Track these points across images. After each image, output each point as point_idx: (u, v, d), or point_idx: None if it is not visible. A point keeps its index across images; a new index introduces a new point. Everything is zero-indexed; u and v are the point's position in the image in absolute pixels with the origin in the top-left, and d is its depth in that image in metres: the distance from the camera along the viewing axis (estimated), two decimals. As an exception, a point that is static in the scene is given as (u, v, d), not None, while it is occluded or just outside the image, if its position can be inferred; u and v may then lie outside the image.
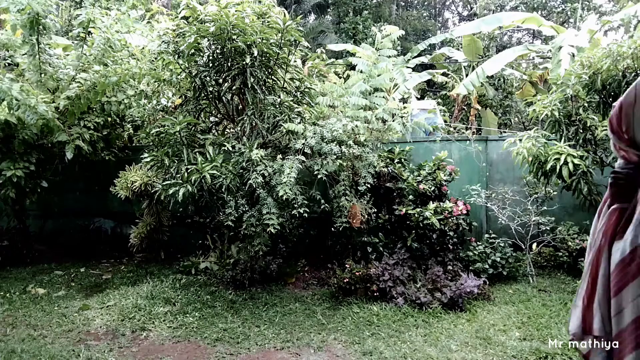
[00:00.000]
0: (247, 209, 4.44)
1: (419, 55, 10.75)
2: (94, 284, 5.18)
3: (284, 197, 4.12)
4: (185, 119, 4.70)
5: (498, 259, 5.02)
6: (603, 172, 4.83)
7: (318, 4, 19.47)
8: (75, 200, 6.78)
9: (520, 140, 4.83)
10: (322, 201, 4.63)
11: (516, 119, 11.68)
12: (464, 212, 5.02)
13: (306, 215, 4.37)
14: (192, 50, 4.70)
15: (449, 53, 11.36)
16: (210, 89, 4.97)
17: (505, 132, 9.83)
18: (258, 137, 4.79)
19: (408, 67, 8.75)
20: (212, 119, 5.62)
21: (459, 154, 5.76)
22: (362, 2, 18.99)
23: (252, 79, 4.61)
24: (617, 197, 1.54)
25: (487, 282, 4.65)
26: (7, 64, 5.83)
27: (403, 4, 23.77)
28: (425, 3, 24.56)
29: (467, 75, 10.22)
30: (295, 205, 4.32)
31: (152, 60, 5.29)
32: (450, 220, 4.90)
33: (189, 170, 4.38)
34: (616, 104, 1.46)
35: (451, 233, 4.94)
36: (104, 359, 3.35)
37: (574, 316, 1.59)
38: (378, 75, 5.38)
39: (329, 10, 20.40)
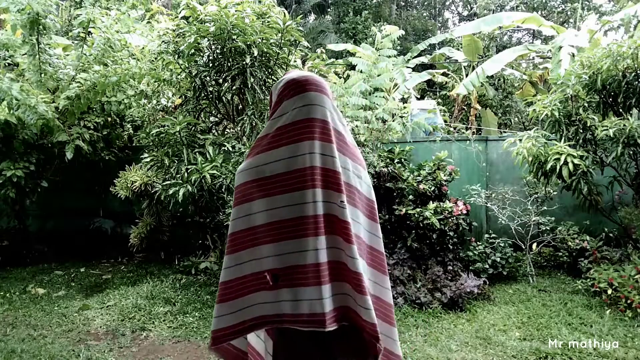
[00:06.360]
0: (247, 209, 4.43)
1: (419, 55, 10.76)
2: (94, 284, 5.19)
3: (284, 197, 4.11)
4: (185, 119, 4.70)
5: (498, 259, 5.02)
6: (603, 172, 4.83)
7: (318, 4, 19.50)
8: (75, 200, 6.77)
9: (520, 140, 4.83)
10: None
11: (516, 119, 11.68)
12: (464, 212, 5.01)
13: (306, 215, 4.36)
14: (192, 50, 4.70)
15: (449, 53, 11.36)
16: (210, 89, 4.96)
17: (505, 132, 9.84)
18: (258, 137, 4.78)
19: (408, 67, 8.74)
20: (212, 119, 5.61)
21: (459, 154, 5.76)
22: (362, 2, 19.00)
23: (252, 79, 4.61)
24: None
25: (487, 282, 4.65)
26: (7, 64, 5.83)
27: (403, 4, 23.78)
28: (425, 3, 24.56)
29: (467, 75, 10.22)
30: (295, 205, 4.31)
31: (152, 60, 5.29)
32: (450, 220, 4.90)
33: (189, 170, 4.38)
34: None
35: (451, 233, 4.94)
36: (104, 359, 3.36)
37: None
38: (378, 75, 5.38)
39: (329, 10, 20.43)
